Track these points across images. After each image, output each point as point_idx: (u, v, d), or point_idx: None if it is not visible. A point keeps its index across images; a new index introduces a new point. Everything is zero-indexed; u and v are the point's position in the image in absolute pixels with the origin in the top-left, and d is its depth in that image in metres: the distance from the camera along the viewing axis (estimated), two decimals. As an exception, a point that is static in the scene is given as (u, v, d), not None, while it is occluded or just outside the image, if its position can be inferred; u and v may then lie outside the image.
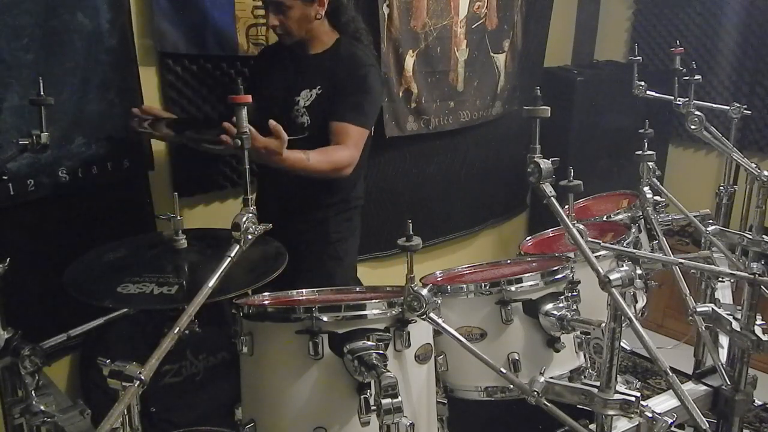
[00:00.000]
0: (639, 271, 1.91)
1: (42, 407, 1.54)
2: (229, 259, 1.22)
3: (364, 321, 1.36)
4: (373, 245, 2.97)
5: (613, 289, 1.25)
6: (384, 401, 1.20)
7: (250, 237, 1.25)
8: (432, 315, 1.34)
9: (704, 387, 1.84)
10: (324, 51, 2.10)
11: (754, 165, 1.97)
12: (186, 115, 2.29)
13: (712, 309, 1.64)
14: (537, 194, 1.34)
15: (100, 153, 2.12)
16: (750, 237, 1.90)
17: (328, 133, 2.00)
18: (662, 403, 1.69)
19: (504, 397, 1.61)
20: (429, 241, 3.27)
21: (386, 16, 2.74)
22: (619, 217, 2.21)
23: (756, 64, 3.52)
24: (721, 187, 2.27)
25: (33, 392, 1.53)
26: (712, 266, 1.89)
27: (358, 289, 1.68)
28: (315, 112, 2.04)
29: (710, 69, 3.60)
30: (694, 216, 2.06)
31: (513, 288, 1.60)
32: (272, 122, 1.70)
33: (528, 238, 2.30)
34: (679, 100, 2.10)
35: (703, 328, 1.86)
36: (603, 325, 1.41)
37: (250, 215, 1.25)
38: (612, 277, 1.25)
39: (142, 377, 1.09)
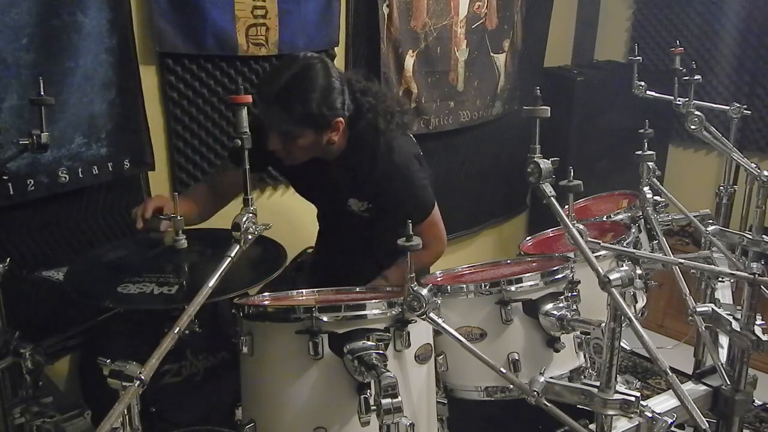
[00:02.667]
0: (639, 271, 1.91)
1: (42, 407, 1.54)
2: (229, 259, 1.22)
3: (364, 321, 1.37)
4: (373, 245, 2.97)
5: (613, 289, 1.25)
6: (384, 401, 1.20)
7: (250, 237, 1.25)
8: (432, 315, 1.34)
9: (704, 387, 1.84)
10: (342, 152, 1.89)
11: (754, 165, 1.97)
12: None
13: (712, 309, 1.64)
14: (537, 194, 1.34)
15: (100, 153, 2.11)
16: (750, 237, 1.90)
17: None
18: (662, 403, 1.68)
19: (504, 397, 1.61)
20: (429, 241, 3.26)
21: (386, 16, 2.74)
22: (619, 217, 2.21)
23: (756, 64, 3.51)
24: (721, 187, 2.27)
25: (33, 392, 1.53)
26: (712, 266, 1.89)
27: (358, 289, 1.68)
28: (373, 211, 1.95)
29: (710, 69, 3.60)
30: (694, 216, 2.06)
31: (513, 288, 1.60)
32: None
33: (528, 238, 2.30)
34: (679, 100, 2.10)
35: (703, 328, 1.86)
36: (603, 325, 1.41)
37: (250, 215, 1.25)
38: (612, 277, 1.25)
39: (142, 377, 1.09)
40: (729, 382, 1.72)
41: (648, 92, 2.24)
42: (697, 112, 2.01)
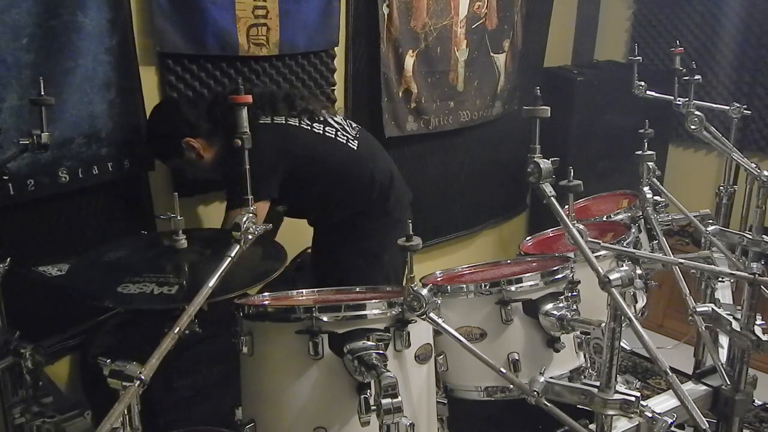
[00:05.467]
0: (639, 271, 1.91)
1: (42, 407, 1.54)
2: (229, 259, 1.22)
3: (364, 321, 1.36)
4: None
5: (613, 289, 1.25)
6: (384, 401, 1.20)
7: (250, 237, 1.25)
8: (432, 315, 1.34)
9: (704, 387, 1.84)
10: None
11: (754, 165, 1.96)
12: None
13: (712, 309, 1.64)
14: (537, 194, 1.34)
15: (100, 153, 2.12)
16: (750, 237, 1.90)
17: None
18: (662, 403, 1.68)
19: (504, 397, 1.61)
20: (429, 241, 3.27)
21: (386, 16, 2.74)
22: (619, 217, 2.21)
23: (756, 64, 3.51)
24: (721, 187, 2.27)
25: (33, 392, 1.53)
26: (712, 266, 1.89)
27: (358, 289, 1.68)
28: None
29: (710, 69, 3.60)
30: (694, 216, 2.06)
31: (513, 288, 1.60)
32: None
33: (528, 238, 2.30)
34: (679, 100, 2.10)
35: (703, 328, 1.86)
36: (603, 325, 1.41)
37: (250, 215, 1.25)
38: (612, 277, 1.25)
39: (142, 377, 1.09)
40: (729, 382, 1.72)
41: (648, 92, 2.24)
42: (697, 112, 2.01)
